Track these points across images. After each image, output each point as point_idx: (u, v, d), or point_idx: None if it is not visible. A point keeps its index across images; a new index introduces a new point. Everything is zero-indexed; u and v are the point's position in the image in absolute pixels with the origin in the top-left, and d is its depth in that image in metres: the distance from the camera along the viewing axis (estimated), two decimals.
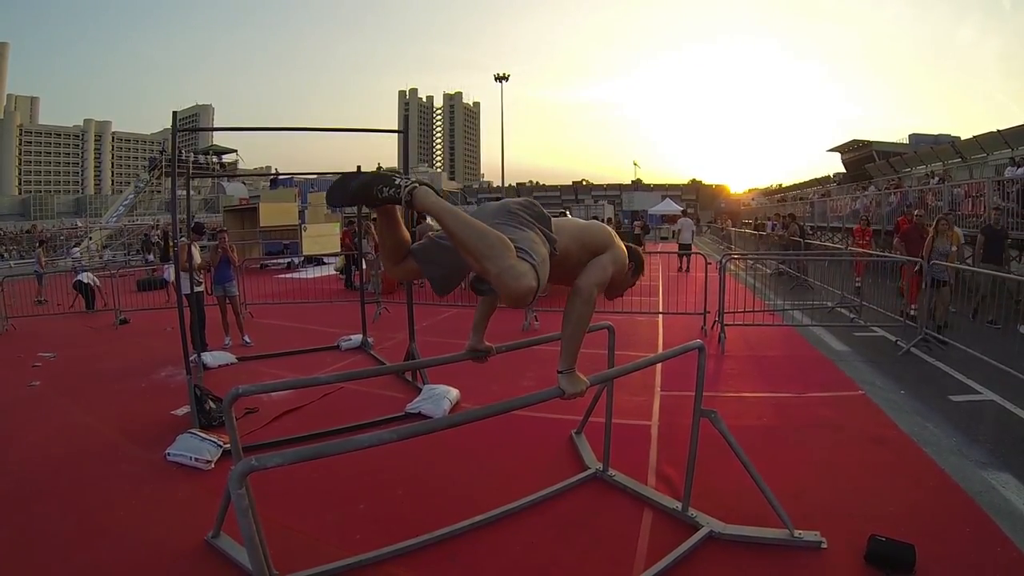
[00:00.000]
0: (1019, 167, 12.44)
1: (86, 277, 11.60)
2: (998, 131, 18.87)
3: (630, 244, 2.61)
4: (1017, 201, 10.78)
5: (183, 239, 7.00)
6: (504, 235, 1.93)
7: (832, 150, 36.07)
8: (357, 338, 7.56)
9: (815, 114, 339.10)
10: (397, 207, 2.02)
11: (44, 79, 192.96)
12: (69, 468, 4.13)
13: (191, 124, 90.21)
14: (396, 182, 1.94)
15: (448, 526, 3.15)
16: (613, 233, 2.50)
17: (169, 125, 5.28)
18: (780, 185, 57.29)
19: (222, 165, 39.72)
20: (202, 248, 8.07)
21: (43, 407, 5.58)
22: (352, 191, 1.96)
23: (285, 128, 11.04)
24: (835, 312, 9.28)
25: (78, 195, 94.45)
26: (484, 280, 2.07)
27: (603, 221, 18.45)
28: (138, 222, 33.53)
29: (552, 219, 2.27)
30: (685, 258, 15.66)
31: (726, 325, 7.35)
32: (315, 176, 28.14)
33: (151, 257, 20.68)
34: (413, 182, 1.94)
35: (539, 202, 2.30)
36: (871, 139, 32.90)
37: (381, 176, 1.97)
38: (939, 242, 7.81)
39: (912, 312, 7.92)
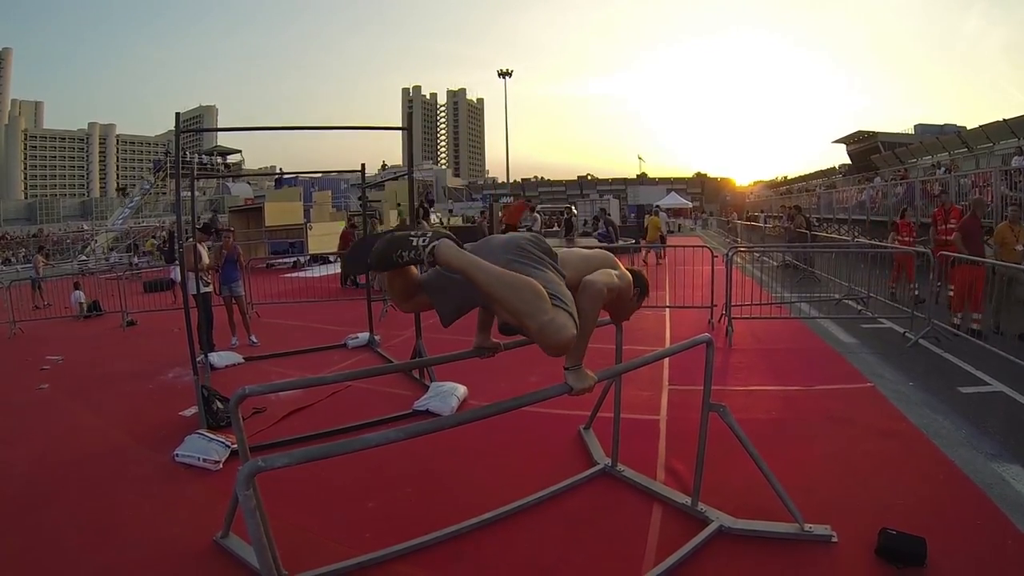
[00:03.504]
0: None
1: (80, 297, 11.58)
2: (1004, 120, 18.77)
3: (634, 269, 2.60)
4: None
5: (189, 240, 7.02)
6: (533, 280, 1.89)
7: (837, 141, 35.96)
8: (364, 336, 7.57)
9: (820, 106, 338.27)
10: None
11: (48, 83, 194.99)
12: (78, 470, 4.15)
13: (195, 125, 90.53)
14: (414, 243, 1.86)
15: (457, 523, 3.14)
16: (616, 261, 2.50)
17: (173, 127, 5.28)
18: (785, 177, 57.16)
19: (227, 166, 39.86)
20: (209, 248, 8.08)
21: (52, 410, 5.62)
22: (371, 261, 1.89)
23: (289, 127, 11.06)
24: (842, 304, 9.24)
25: (84, 198, 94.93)
26: (513, 330, 2.06)
27: (610, 217, 18.45)
28: (143, 224, 33.67)
29: (557, 253, 2.27)
30: (661, 250, 15.84)
31: (733, 318, 7.33)
32: (320, 175, 28.18)
33: (137, 260, 20.83)
34: (432, 239, 1.87)
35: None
36: (877, 130, 32.74)
37: (397, 240, 1.88)
38: None
39: (974, 325, 6.85)
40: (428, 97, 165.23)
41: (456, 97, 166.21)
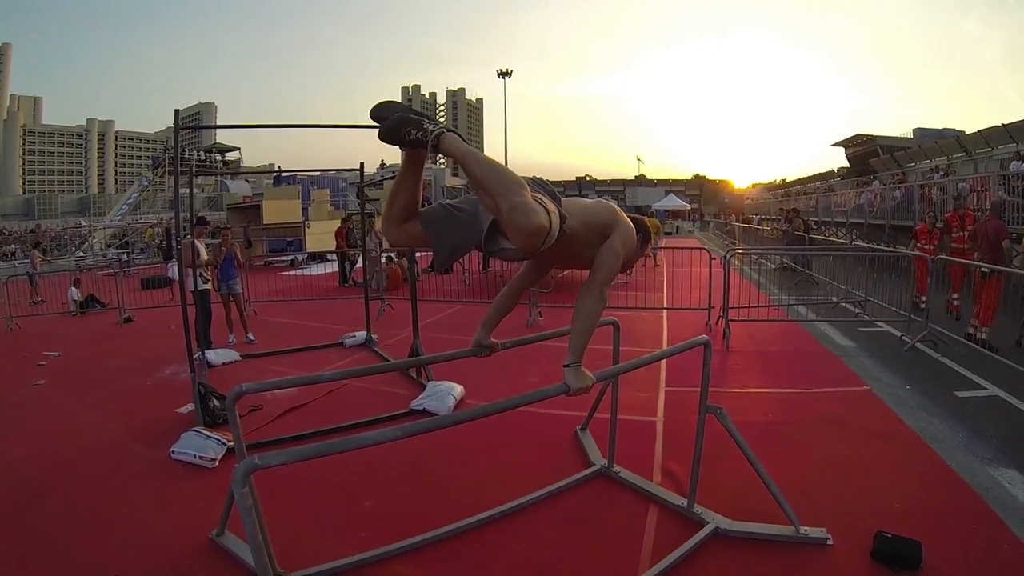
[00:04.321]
0: None
1: (75, 295, 11.52)
2: (1003, 125, 18.74)
3: (635, 215, 2.58)
4: (1023, 196, 10.73)
5: (187, 237, 7.00)
6: (520, 179, 1.95)
7: (836, 144, 35.91)
8: (361, 335, 7.56)
9: (819, 108, 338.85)
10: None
11: (47, 79, 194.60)
12: (74, 466, 4.14)
13: (194, 122, 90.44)
14: (424, 126, 1.94)
15: (453, 523, 3.14)
16: (617, 209, 2.46)
17: (172, 124, 5.27)
18: (784, 180, 57.26)
19: (225, 163, 39.77)
20: (207, 245, 8.06)
21: (48, 406, 5.60)
22: (383, 129, 1.96)
23: (287, 125, 11.04)
24: (839, 307, 9.25)
25: (82, 194, 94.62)
26: (496, 241, 2.03)
27: None
28: (141, 220, 33.55)
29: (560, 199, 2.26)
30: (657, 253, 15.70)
31: (731, 320, 7.33)
32: (318, 173, 28.11)
33: (126, 256, 20.76)
34: (442, 128, 1.95)
35: None
36: (875, 133, 32.74)
37: (411, 120, 1.96)
38: None
39: (970, 330, 6.80)
40: (427, 96, 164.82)
41: (455, 96, 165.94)
